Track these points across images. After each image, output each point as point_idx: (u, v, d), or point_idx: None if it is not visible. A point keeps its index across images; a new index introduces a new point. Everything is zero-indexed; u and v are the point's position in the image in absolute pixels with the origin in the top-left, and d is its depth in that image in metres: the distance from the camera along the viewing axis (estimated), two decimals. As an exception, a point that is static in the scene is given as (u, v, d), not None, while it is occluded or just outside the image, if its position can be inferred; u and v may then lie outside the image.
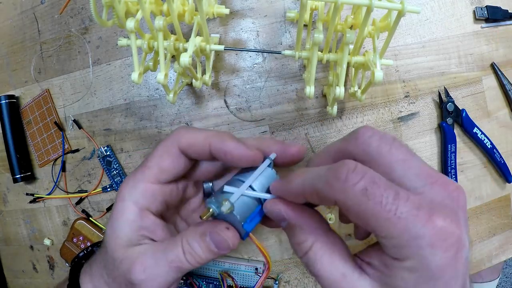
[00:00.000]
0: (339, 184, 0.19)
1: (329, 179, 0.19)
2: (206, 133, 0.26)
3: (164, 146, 0.26)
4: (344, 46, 0.29)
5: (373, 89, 0.42)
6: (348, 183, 0.18)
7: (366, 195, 0.18)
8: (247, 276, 0.41)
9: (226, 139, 0.25)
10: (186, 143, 0.25)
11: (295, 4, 0.41)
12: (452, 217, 0.18)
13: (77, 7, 0.44)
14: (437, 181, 0.20)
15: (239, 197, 0.24)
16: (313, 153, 0.42)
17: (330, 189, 0.19)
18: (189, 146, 0.25)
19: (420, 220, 0.17)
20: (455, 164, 0.42)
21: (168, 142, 0.26)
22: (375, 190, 0.18)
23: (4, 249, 0.52)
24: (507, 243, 0.45)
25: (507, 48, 0.43)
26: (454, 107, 0.41)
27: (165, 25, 0.30)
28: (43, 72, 0.46)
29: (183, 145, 0.26)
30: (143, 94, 0.43)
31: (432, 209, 0.18)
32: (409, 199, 0.18)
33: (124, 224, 0.25)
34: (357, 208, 0.18)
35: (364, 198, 0.18)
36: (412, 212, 0.18)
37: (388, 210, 0.18)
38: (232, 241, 0.24)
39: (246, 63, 0.42)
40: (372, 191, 0.18)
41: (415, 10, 0.25)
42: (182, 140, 0.26)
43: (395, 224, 0.18)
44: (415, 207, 0.18)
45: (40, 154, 0.47)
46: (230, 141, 0.25)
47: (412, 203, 0.18)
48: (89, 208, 0.46)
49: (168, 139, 0.26)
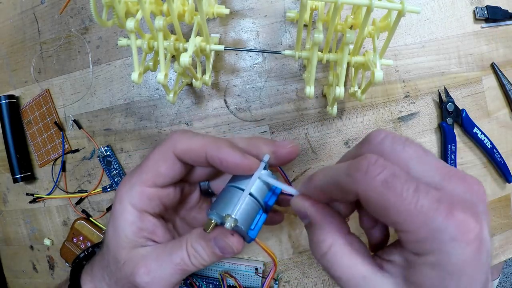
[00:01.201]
0: (360, 176, 0.19)
1: (351, 171, 0.19)
2: (202, 140, 0.25)
3: (160, 152, 0.26)
4: (344, 46, 0.29)
5: (373, 89, 0.42)
6: (369, 174, 0.18)
7: (387, 187, 0.18)
8: (247, 276, 0.41)
9: (222, 147, 0.25)
10: (182, 151, 0.25)
11: (295, 4, 0.41)
12: (473, 211, 0.18)
13: (77, 7, 0.44)
14: (455, 175, 0.20)
15: (240, 208, 0.24)
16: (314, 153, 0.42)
17: (351, 181, 0.19)
18: (185, 153, 0.25)
19: (441, 213, 0.17)
20: (455, 164, 0.42)
21: (164, 148, 0.26)
22: (396, 182, 0.18)
23: (4, 249, 0.52)
24: (507, 243, 0.45)
25: (507, 48, 0.43)
26: (454, 107, 0.41)
27: (165, 25, 0.30)
28: (43, 72, 0.46)
29: (179, 152, 0.25)
30: (143, 94, 0.43)
31: (452, 202, 0.18)
32: (429, 192, 0.18)
33: (125, 226, 0.25)
34: (377, 200, 0.18)
35: (385, 190, 0.18)
36: (433, 205, 0.17)
37: (409, 203, 0.18)
38: (237, 246, 0.25)
39: (246, 63, 0.42)
40: (393, 183, 0.18)
41: (415, 10, 0.25)
42: (178, 146, 0.25)
43: (416, 216, 0.17)
44: (435, 200, 0.18)
45: (40, 154, 0.47)
46: (226, 149, 0.24)
47: (432, 196, 0.18)
48: (89, 208, 0.46)
49: (164, 145, 0.26)
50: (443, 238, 0.17)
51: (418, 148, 0.20)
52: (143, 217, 0.26)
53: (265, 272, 0.42)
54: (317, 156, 0.42)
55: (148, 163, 0.26)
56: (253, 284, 0.41)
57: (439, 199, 0.18)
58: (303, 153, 0.42)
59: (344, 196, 0.21)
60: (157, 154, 0.26)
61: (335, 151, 0.42)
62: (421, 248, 0.18)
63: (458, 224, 0.17)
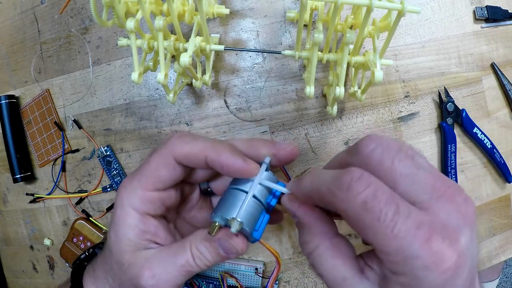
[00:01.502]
0: (341, 194, 0.19)
1: (332, 187, 0.19)
2: (202, 143, 0.25)
3: (160, 156, 0.26)
4: (344, 46, 0.29)
5: (373, 89, 0.42)
6: (349, 193, 0.18)
7: (365, 209, 0.18)
8: (247, 276, 0.41)
9: (223, 151, 0.25)
10: (182, 155, 0.25)
11: (295, 4, 0.41)
12: (453, 238, 0.18)
13: (77, 7, 0.44)
14: (444, 193, 0.19)
15: (244, 210, 0.24)
16: (314, 153, 0.42)
17: (332, 197, 0.19)
18: (185, 158, 0.25)
19: (417, 240, 0.17)
20: (455, 164, 0.42)
21: (164, 151, 0.26)
22: (375, 204, 0.18)
23: (4, 249, 0.52)
24: (507, 243, 0.45)
25: (507, 48, 0.43)
26: (454, 107, 0.41)
27: (165, 25, 0.30)
28: (43, 72, 0.46)
29: (178, 156, 0.25)
30: (143, 94, 0.43)
31: (432, 229, 0.18)
32: (410, 216, 0.18)
33: (127, 229, 0.25)
34: (356, 220, 0.18)
35: (363, 212, 0.18)
36: (411, 231, 0.17)
37: (386, 226, 0.17)
38: (241, 247, 0.25)
39: (246, 63, 0.42)
40: (371, 205, 0.18)
41: (415, 10, 0.25)
42: (178, 151, 0.25)
43: (391, 241, 0.17)
44: (414, 225, 0.17)
45: (40, 154, 0.47)
46: (226, 153, 0.24)
47: (412, 221, 0.17)
48: (89, 208, 0.46)
49: (163, 149, 0.26)
50: (416, 265, 0.17)
51: (409, 163, 0.20)
52: (145, 220, 0.26)
53: (265, 272, 0.42)
54: (317, 156, 0.42)
55: (148, 167, 0.26)
56: (253, 284, 0.41)
57: (419, 225, 0.17)
58: (303, 153, 0.42)
59: (327, 207, 0.21)
60: (157, 157, 0.26)
61: (335, 151, 0.42)
62: (395, 269, 0.18)
63: (432, 254, 0.17)
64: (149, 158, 0.26)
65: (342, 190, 0.18)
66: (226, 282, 0.41)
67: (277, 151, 0.26)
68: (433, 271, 0.17)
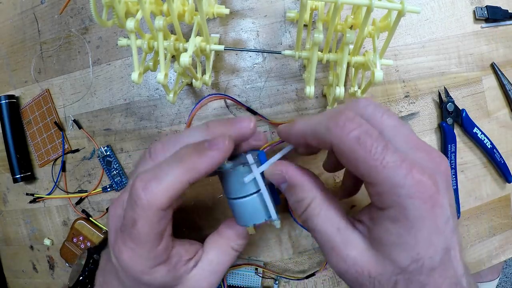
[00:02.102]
0: (336, 130, 0.21)
1: (328, 124, 0.21)
2: (173, 176, 0.23)
3: (146, 222, 0.23)
4: (344, 46, 0.29)
5: (373, 89, 0.42)
6: (344, 129, 0.21)
7: (358, 143, 0.20)
8: (247, 276, 0.41)
9: (197, 170, 0.24)
10: (165, 202, 0.23)
11: (295, 4, 0.41)
12: (431, 175, 0.20)
13: (77, 7, 0.44)
14: (422, 147, 0.22)
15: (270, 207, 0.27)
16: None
17: (328, 133, 0.21)
18: (169, 202, 0.23)
19: (402, 170, 0.19)
20: (455, 164, 0.42)
21: (146, 213, 0.23)
22: (367, 139, 0.20)
23: (4, 249, 0.52)
24: (507, 243, 0.45)
25: (507, 48, 0.43)
26: (454, 107, 0.41)
27: (165, 25, 0.30)
28: (43, 72, 0.46)
29: (162, 206, 0.23)
30: (143, 94, 0.43)
31: (413, 164, 0.20)
32: (396, 152, 0.20)
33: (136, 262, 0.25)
34: (349, 154, 0.21)
35: (357, 145, 0.20)
36: (396, 163, 0.20)
37: (376, 159, 0.20)
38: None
39: (246, 63, 0.42)
40: (364, 140, 0.20)
41: (415, 10, 0.25)
42: (158, 201, 0.23)
43: (380, 171, 0.20)
44: (400, 159, 0.20)
45: (40, 154, 0.47)
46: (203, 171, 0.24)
47: (398, 156, 0.20)
48: (89, 208, 0.46)
49: (142, 207, 0.22)
50: (400, 193, 0.19)
51: (396, 119, 0.23)
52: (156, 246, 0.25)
53: (265, 272, 0.42)
54: (317, 156, 0.42)
55: (139, 236, 0.23)
56: (253, 284, 0.41)
57: (403, 159, 0.20)
58: (303, 153, 0.42)
59: (320, 144, 0.23)
60: (144, 224, 0.23)
61: (335, 151, 0.42)
62: (383, 202, 0.20)
63: (415, 183, 0.19)
64: (136, 220, 0.23)
65: (338, 126, 0.21)
66: (226, 282, 0.41)
67: (239, 130, 0.27)
68: (416, 199, 0.19)
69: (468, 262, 0.44)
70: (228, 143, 0.24)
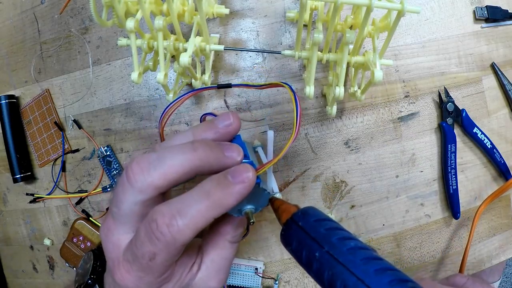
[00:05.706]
0: None
1: None
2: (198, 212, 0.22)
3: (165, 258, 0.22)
4: (344, 46, 0.29)
5: (373, 89, 0.42)
6: None
7: None
8: (247, 276, 0.41)
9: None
10: (188, 240, 0.22)
11: (295, 4, 0.41)
12: None
13: (77, 7, 0.44)
14: None
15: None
16: (314, 153, 0.42)
17: None
18: (191, 239, 0.22)
19: None
20: (455, 164, 0.42)
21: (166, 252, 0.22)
22: None
23: (4, 249, 0.52)
24: (507, 243, 0.45)
25: (507, 48, 0.43)
26: (454, 107, 0.41)
27: (165, 25, 0.30)
28: (43, 72, 0.46)
29: (185, 243, 0.22)
30: (143, 94, 0.43)
31: None
32: None
33: None
34: None
35: None
36: None
37: None
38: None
39: (246, 63, 0.42)
40: None
41: (415, 10, 0.25)
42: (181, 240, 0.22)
43: None
44: None
45: (40, 154, 0.47)
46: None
47: None
48: (89, 208, 0.46)
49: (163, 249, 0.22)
50: None
51: None
52: None
53: (265, 272, 0.42)
54: (317, 156, 0.42)
55: (153, 267, 0.23)
56: (253, 284, 0.41)
57: None
58: (303, 153, 0.42)
59: None
60: (164, 258, 0.22)
61: (335, 151, 0.42)
62: None
63: None
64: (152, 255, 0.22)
65: None
66: (226, 282, 0.41)
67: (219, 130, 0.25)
68: None
69: (468, 262, 0.44)
70: (252, 175, 0.23)
